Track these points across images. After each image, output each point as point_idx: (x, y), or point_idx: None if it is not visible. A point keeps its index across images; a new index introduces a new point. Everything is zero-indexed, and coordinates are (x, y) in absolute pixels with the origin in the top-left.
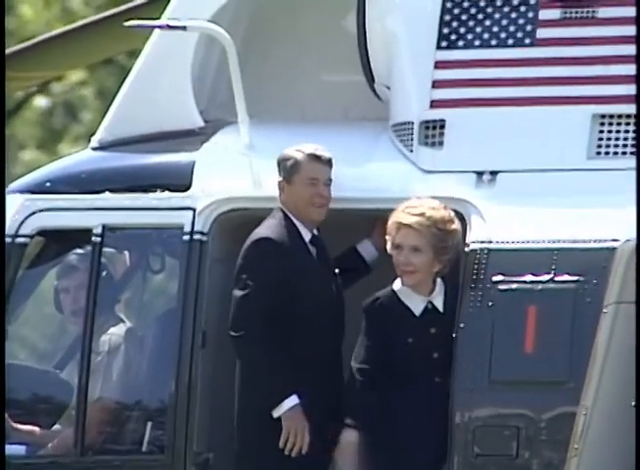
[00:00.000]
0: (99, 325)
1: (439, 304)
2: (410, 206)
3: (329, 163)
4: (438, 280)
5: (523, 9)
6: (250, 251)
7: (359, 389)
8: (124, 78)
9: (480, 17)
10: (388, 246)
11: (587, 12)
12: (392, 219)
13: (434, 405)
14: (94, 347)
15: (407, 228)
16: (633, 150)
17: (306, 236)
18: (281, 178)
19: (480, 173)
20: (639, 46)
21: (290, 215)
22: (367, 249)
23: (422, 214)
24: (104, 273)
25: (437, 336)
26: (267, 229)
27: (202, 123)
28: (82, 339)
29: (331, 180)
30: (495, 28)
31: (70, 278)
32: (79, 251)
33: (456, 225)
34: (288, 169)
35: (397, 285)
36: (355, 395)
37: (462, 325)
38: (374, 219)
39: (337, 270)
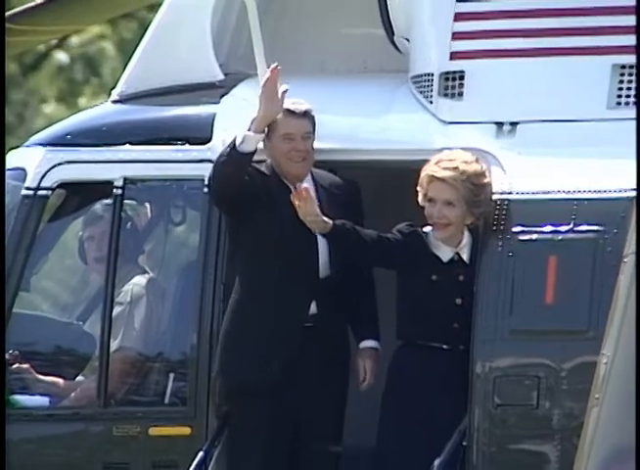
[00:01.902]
0: (121, 276)
1: (466, 255)
2: (443, 159)
3: (305, 115)
4: (466, 232)
5: None
6: None
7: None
8: (144, 31)
9: None
10: (420, 197)
11: None
12: (425, 172)
13: (449, 350)
14: (116, 298)
15: (441, 182)
16: None
17: (288, 184)
18: (264, 134)
19: (499, 124)
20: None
21: (275, 169)
22: None
23: (455, 169)
24: (125, 225)
25: (462, 283)
26: None
27: (222, 76)
28: (105, 290)
29: (310, 133)
30: None
31: (95, 226)
32: (101, 202)
33: (488, 178)
34: (268, 127)
35: (428, 229)
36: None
37: (482, 275)
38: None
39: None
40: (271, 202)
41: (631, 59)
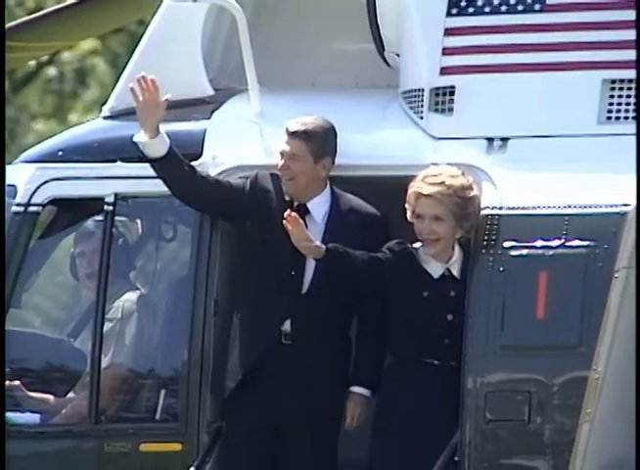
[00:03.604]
0: (112, 293)
1: (456, 270)
2: (429, 175)
3: (294, 135)
4: (457, 247)
5: None
6: None
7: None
8: (135, 46)
9: None
10: (409, 214)
11: None
12: (412, 189)
13: (440, 366)
14: (107, 314)
15: (428, 198)
16: None
17: (287, 202)
18: None
19: (490, 139)
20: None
21: None
22: None
23: (442, 183)
24: (116, 241)
25: (453, 299)
26: None
27: (212, 92)
28: (95, 306)
29: (296, 154)
30: None
31: (86, 242)
32: (92, 219)
33: (476, 191)
34: None
35: (418, 247)
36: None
37: (473, 291)
38: None
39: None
40: (266, 216)
41: (622, 74)
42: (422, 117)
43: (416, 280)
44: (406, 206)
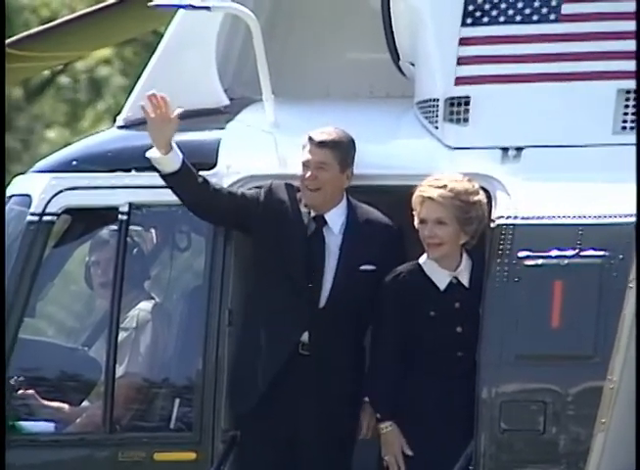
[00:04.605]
0: (126, 302)
1: (465, 279)
2: (433, 179)
3: (322, 145)
4: (464, 255)
5: None
6: None
7: (380, 367)
8: (149, 56)
9: None
10: (415, 222)
11: None
12: (416, 194)
13: (455, 380)
14: (122, 323)
15: (430, 201)
16: None
17: (304, 213)
18: None
19: (505, 149)
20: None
21: None
22: None
23: (444, 187)
24: (130, 251)
25: (461, 310)
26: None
27: (227, 102)
28: (110, 315)
29: (325, 163)
30: (520, 4)
31: (100, 251)
32: (107, 228)
33: (480, 197)
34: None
35: (423, 259)
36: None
37: (488, 301)
38: None
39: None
40: (283, 227)
41: (637, 84)
42: (437, 127)
43: (422, 296)
44: (413, 213)
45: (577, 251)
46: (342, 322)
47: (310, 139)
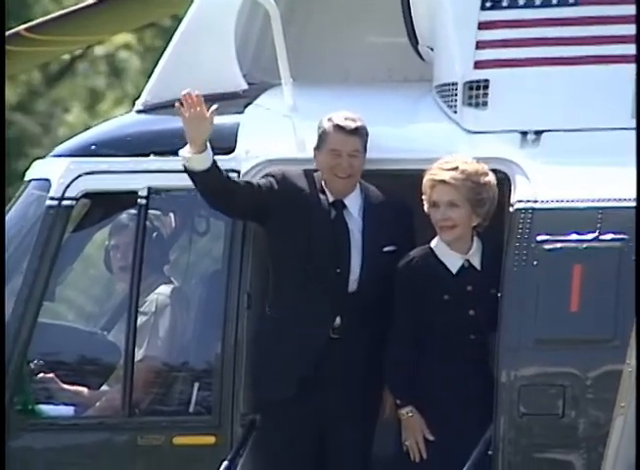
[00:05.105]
0: (145, 286)
1: (476, 261)
2: (442, 162)
3: (354, 133)
4: (475, 238)
5: None
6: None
7: (397, 353)
8: (168, 41)
9: None
10: (425, 206)
11: None
12: (426, 178)
13: (469, 365)
14: (141, 307)
15: (442, 184)
16: None
17: (329, 197)
18: (315, 144)
19: (524, 133)
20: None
21: (321, 182)
22: None
23: (455, 168)
24: (150, 235)
25: (474, 293)
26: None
27: (245, 86)
28: (129, 299)
29: (357, 151)
30: None
31: (120, 235)
32: (126, 212)
33: (490, 178)
34: (318, 138)
35: (435, 242)
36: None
37: (507, 285)
38: None
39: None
40: (304, 213)
41: None
42: (455, 112)
43: (435, 280)
44: (423, 197)
45: (596, 234)
46: (371, 305)
47: (339, 127)
